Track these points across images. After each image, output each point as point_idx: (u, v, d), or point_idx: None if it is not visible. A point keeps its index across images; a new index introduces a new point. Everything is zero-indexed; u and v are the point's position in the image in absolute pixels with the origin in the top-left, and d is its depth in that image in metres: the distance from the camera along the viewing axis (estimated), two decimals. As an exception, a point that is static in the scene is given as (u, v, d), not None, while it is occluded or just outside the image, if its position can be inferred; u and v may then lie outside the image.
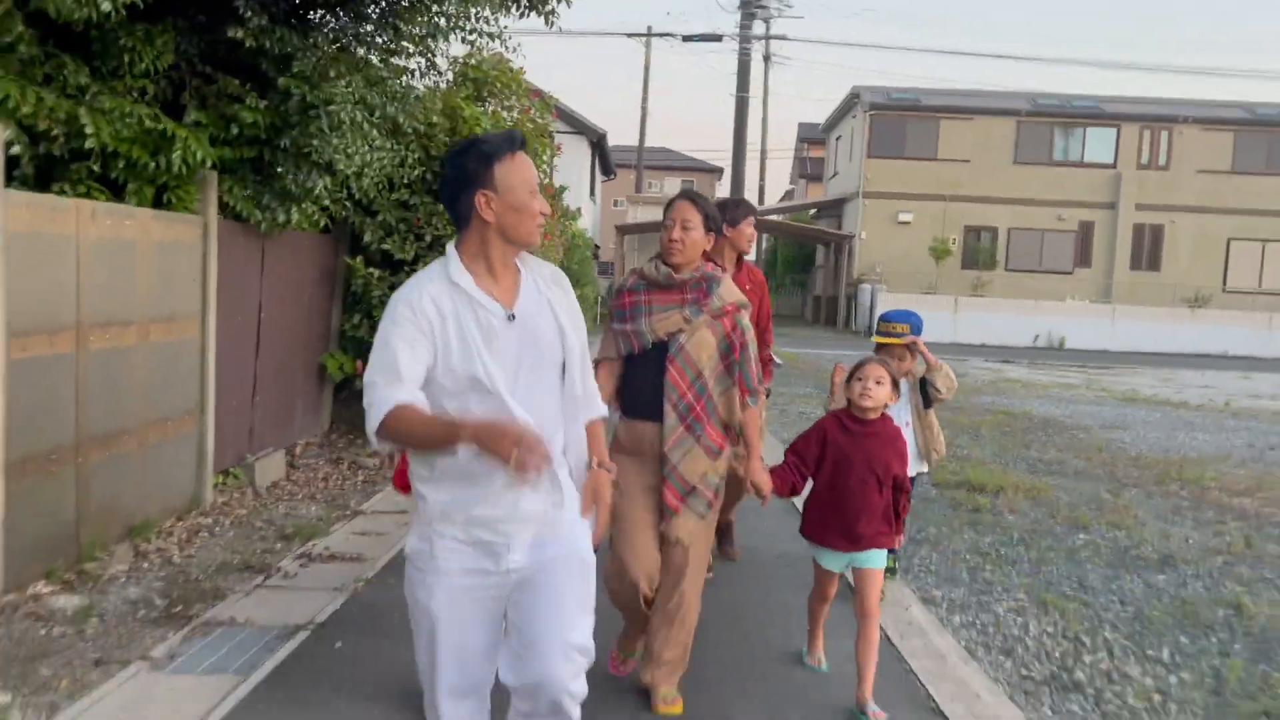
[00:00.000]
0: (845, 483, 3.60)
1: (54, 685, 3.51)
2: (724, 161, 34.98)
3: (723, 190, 42.08)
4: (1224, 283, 30.60)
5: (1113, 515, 6.71)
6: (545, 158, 8.67)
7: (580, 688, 2.39)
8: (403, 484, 3.09)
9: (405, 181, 7.18)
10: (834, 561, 3.71)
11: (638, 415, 3.47)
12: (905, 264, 30.56)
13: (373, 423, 2.20)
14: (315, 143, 5.55)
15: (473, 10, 6.16)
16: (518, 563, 2.36)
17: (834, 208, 35.12)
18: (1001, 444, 9.56)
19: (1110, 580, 5.33)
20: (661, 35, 31.68)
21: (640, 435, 3.45)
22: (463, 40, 6.55)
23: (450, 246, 2.39)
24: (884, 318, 4.78)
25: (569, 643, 2.35)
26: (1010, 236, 30.89)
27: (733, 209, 4.77)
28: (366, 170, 6.21)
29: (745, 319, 3.54)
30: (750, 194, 35.90)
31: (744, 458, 3.61)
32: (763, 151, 39.70)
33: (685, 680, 3.58)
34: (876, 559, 3.64)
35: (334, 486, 6.69)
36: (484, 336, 2.29)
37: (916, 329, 4.67)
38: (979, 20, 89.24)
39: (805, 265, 38.83)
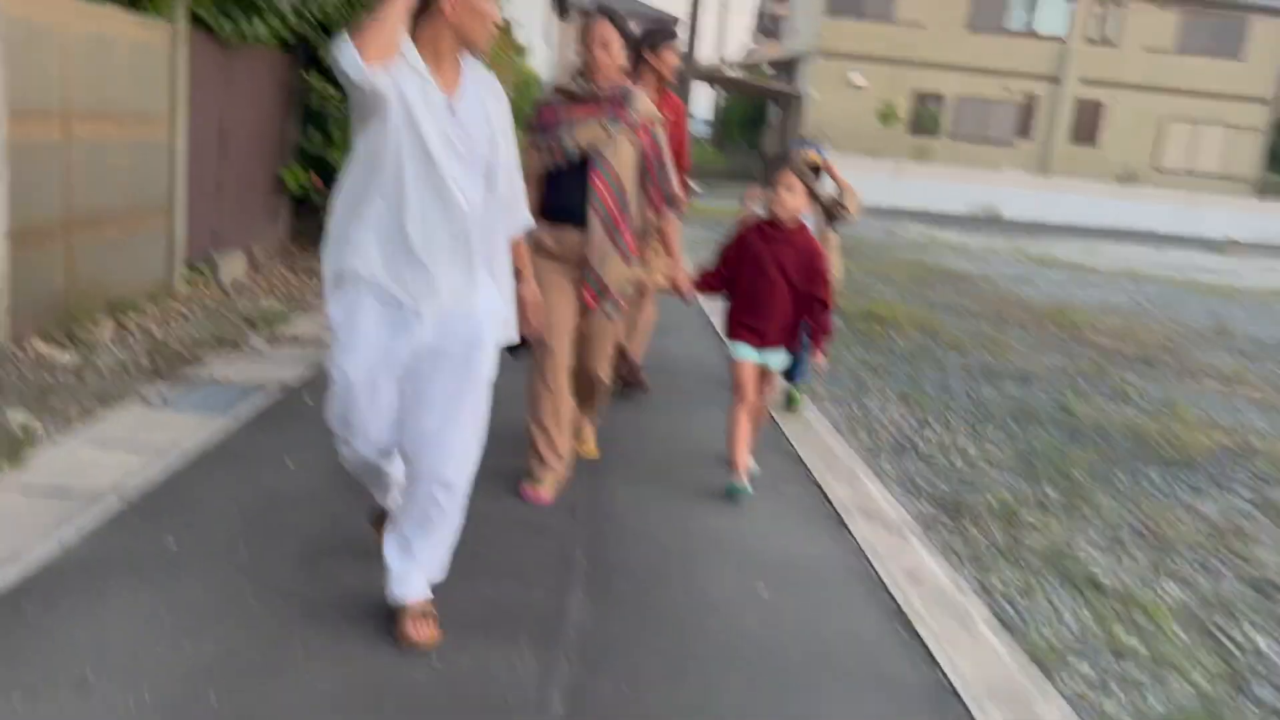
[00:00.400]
0: (757, 283, 3.93)
1: (65, 413, 4.19)
2: (684, 11, 34.55)
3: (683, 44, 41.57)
4: (1157, 161, 31.56)
5: (990, 344, 7.62)
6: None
7: (460, 486, 2.61)
8: None
9: (365, 2, 7.52)
10: (747, 353, 4.00)
11: (561, 222, 3.67)
12: (854, 126, 30.91)
13: (346, 56, 2.25)
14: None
15: None
16: (425, 337, 2.53)
17: (790, 67, 35.09)
18: (910, 288, 10.42)
19: (969, 387, 6.24)
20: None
21: (564, 240, 3.66)
22: None
23: (404, 32, 2.43)
24: (791, 144, 5.40)
25: (456, 449, 2.57)
26: (957, 104, 31.34)
27: (655, 36, 4.95)
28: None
29: (660, 133, 3.76)
30: (709, 48, 35.72)
31: (666, 261, 3.97)
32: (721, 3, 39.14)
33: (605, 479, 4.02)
34: (777, 358, 4.02)
35: (293, 287, 7.31)
36: (425, 105, 2.44)
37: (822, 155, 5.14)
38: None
39: (758, 123, 38.96)
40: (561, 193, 3.66)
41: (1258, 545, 4.00)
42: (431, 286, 2.50)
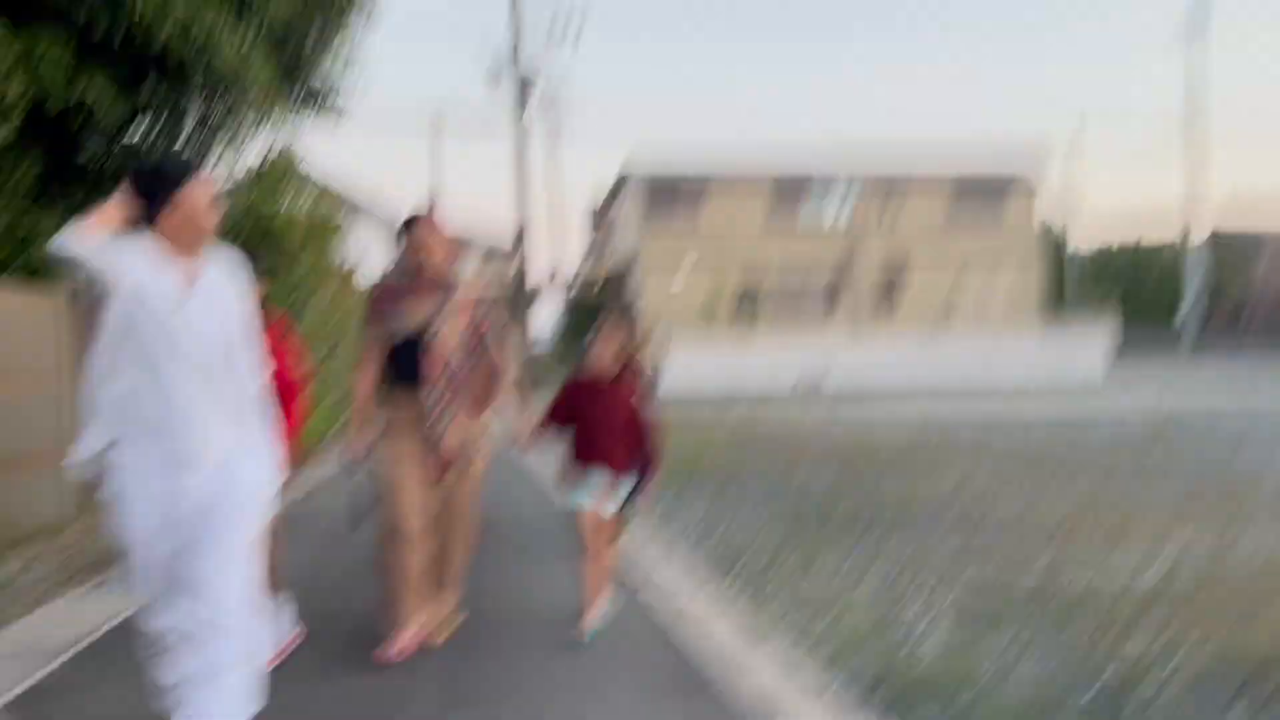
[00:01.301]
0: (588, 430, 4.24)
1: None
2: (512, 237, 37.16)
3: (524, 263, 44.36)
4: (949, 321, 35.28)
5: (791, 472, 9.11)
6: (331, 243, 10.49)
7: (223, 617, 2.76)
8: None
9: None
10: (584, 495, 4.23)
11: (406, 388, 4.07)
12: (682, 324, 33.55)
13: (65, 240, 2.60)
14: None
15: (270, 122, 7.95)
16: (191, 499, 2.78)
17: (620, 280, 38.00)
18: (737, 447, 11.96)
19: (765, 497, 7.63)
20: (449, 131, 33.90)
21: (409, 405, 4.05)
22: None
23: (145, 234, 2.79)
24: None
25: (215, 604, 2.75)
26: (771, 293, 34.57)
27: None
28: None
29: (487, 311, 4.21)
30: (547, 267, 38.66)
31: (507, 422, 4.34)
32: (551, 236, 42.21)
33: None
34: (612, 500, 4.27)
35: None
36: (159, 299, 2.73)
37: None
38: (748, 101, 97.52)
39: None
40: (402, 370, 4.07)
41: (939, 554, 5.38)
42: (189, 449, 2.75)
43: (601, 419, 4.24)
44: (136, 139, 7.39)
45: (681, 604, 4.65)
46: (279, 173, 9.73)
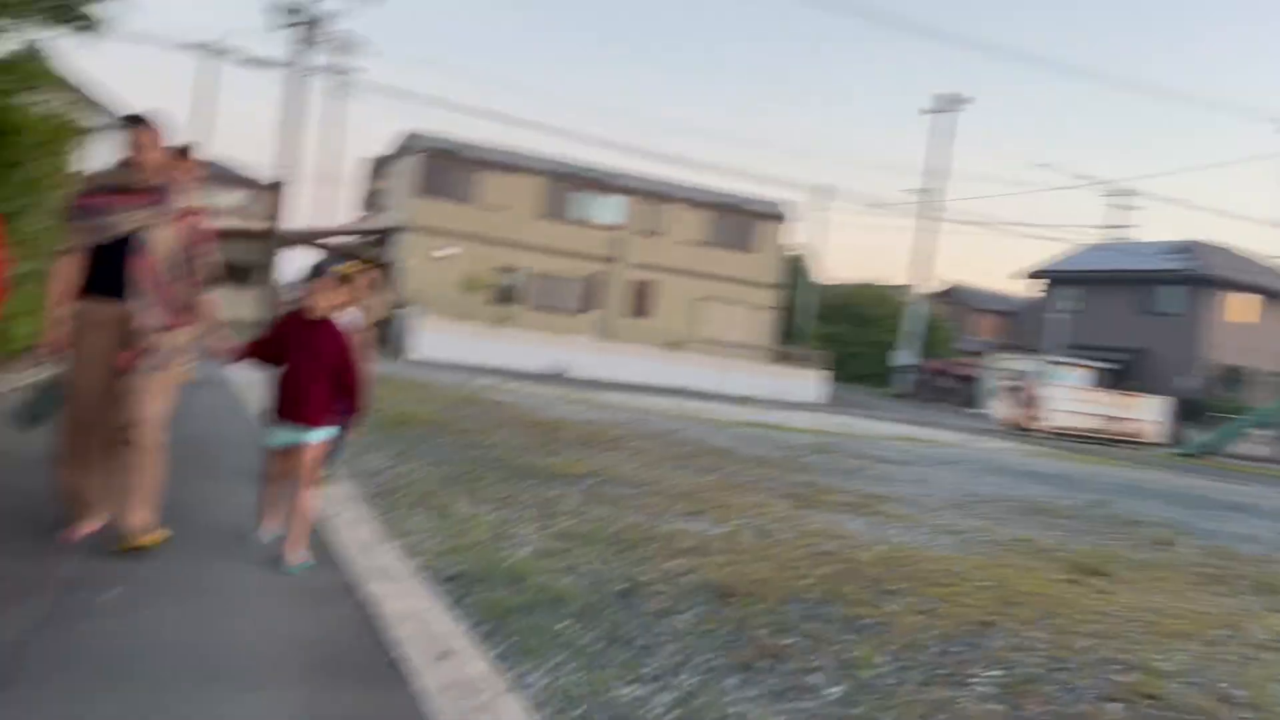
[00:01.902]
0: (294, 368, 4.38)
1: None
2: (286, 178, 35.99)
3: (282, 205, 43.04)
4: (696, 332, 37.68)
5: (479, 433, 10.09)
6: (72, 147, 10.48)
7: None
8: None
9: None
10: (281, 437, 4.43)
11: (104, 294, 4.14)
12: (443, 295, 33.93)
13: None
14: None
15: (21, 21, 8.10)
16: None
17: (386, 236, 37.80)
18: (445, 407, 12.82)
19: (450, 451, 8.57)
20: (225, 53, 32.65)
21: (106, 311, 4.13)
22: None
23: None
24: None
25: None
26: (533, 279, 35.61)
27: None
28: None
29: (200, 222, 4.32)
30: (314, 215, 37.67)
31: (205, 333, 4.43)
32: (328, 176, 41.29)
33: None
34: (315, 434, 4.42)
35: None
36: None
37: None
38: (535, 87, 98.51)
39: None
40: (104, 269, 4.13)
41: (567, 503, 6.53)
42: None
43: (308, 361, 4.36)
44: None
45: (332, 516, 5.49)
46: (18, 69, 9.67)
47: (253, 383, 5.40)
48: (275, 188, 30.85)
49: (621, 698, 3.22)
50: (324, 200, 71.54)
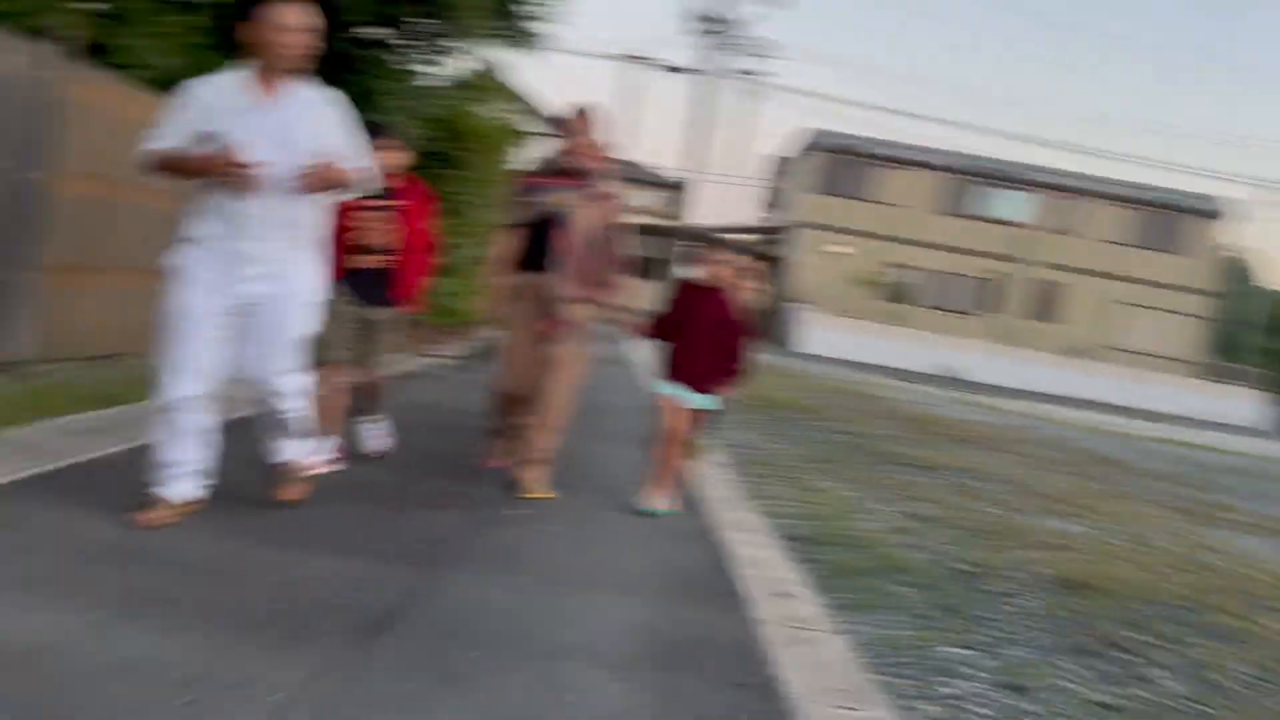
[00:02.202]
0: (692, 334, 4.65)
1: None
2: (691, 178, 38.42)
3: (687, 204, 45.85)
4: (1107, 340, 34.66)
5: (851, 422, 10.28)
6: (510, 147, 12.13)
7: (288, 383, 3.53)
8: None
9: (421, 152, 10.57)
10: (674, 390, 4.69)
11: (536, 267, 4.61)
12: (834, 291, 34.24)
13: (137, 159, 3.28)
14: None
15: (479, 42, 9.57)
16: (249, 291, 3.31)
17: (782, 233, 38.84)
18: (821, 396, 13.14)
19: (813, 434, 8.89)
20: (638, 59, 35.42)
21: (537, 282, 4.59)
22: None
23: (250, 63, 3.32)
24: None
25: (276, 365, 3.46)
26: (928, 277, 34.76)
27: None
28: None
29: (620, 205, 4.72)
30: (713, 214, 39.78)
31: (616, 307, 4.79)
32: (724, 174, 43.33)
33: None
34: (707, 401, 4.75)
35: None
36: (236, 118, 3.21)
37: None
38: (937, 80, 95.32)
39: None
40: (537, 243, 4.61)
41: (927, 491, 6.56)
42: (247, 253, 3.29)
43: (699, 328, 4.62)
44: (374, 36, 9.10)
45: (700, 478, 6.03)
46: (476, 84, 11.37)
47: (651, 364, 5.87)
48: (681, 187, 32.94)
49: (947, 655, 3.36)
50: (728, 199, 74.54)
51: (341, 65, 8.53)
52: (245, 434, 3.90)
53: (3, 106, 5.13)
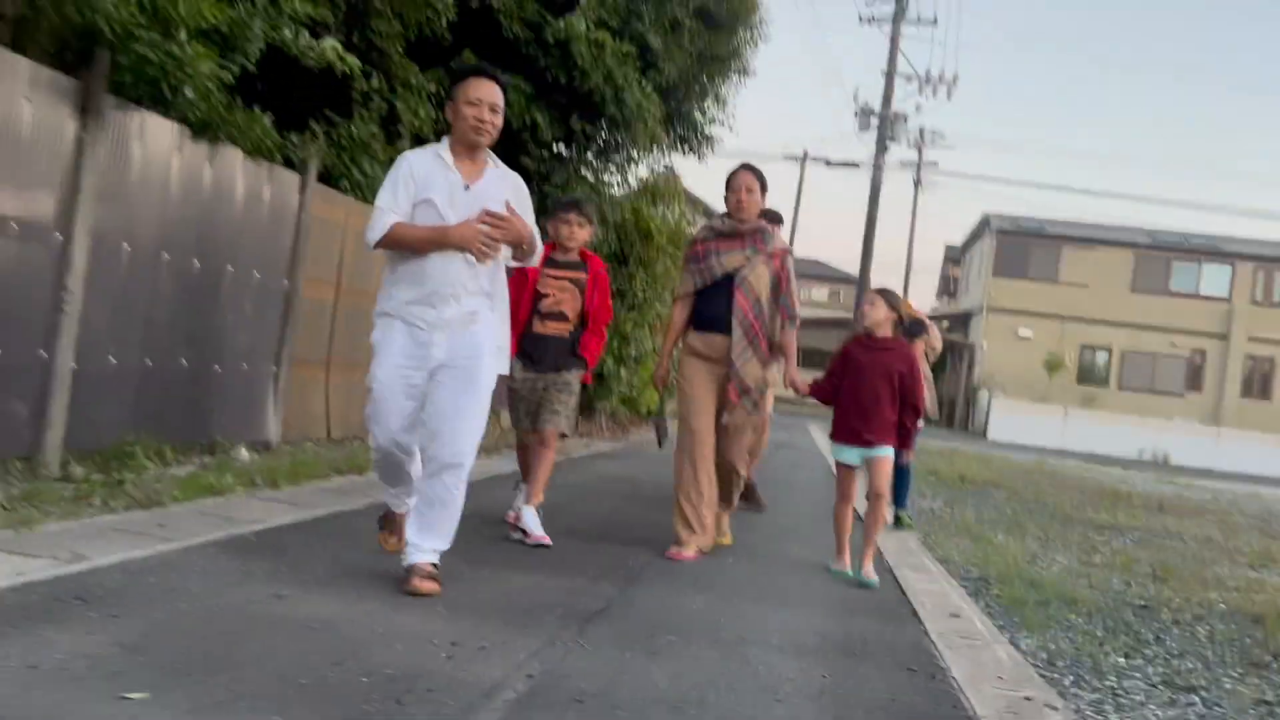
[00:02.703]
0: (860, 388, 4.56)
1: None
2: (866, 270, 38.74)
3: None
4: (1331, 418, 31.94)
5: (1034, 494, 10.22)
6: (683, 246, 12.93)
7: (460, 458, 3.37)
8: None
9: (604, 254, 11.50)
10: (850, 455, 4.64)
11: (710, 329, 4.62)
12: (1022, 375, 33.24)
13: (373, 234, 3.38)
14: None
15: (653, 151, 10.49)
16: (437, 357, 3.38)
17: (963, 320, 38.20)
18: (1011, 476, 13.00)
19: (1005, 504, 8.94)
20: (812, 158, 36.32)
21: (711, 344, 4.61)
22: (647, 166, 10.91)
23: (446, 138, 3.54)
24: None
25: (460, 436, 3.37)
26: (1123, 357, 33.29)
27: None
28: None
29: (790, 261, 4.76)
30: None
31: (784, 366, 4.83)
32: (908, 264, 43.33)
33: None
34: (885, 450, 4.60)
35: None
36: (447, 191, 3.41)
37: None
38: (1110, 154, 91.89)
39: (938, 371, 41.72)
40: (710, 306, 4.62)
41: (1110, 545, 6.57)
42: (441, 317, 3.38)
43: (873, 380, 4.55)
44: (561, 150, 10.15)
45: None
46: (655, 187, 12.30)
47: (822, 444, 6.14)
48: (857, 280, 33.21)
49: (1112, 663, 3.57)
50: (905, 288, 73.86)
51: (532, 177, 9.55)
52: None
53: (260, 225, 6.21)
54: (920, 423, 4.80)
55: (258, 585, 3.21)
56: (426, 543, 3.40)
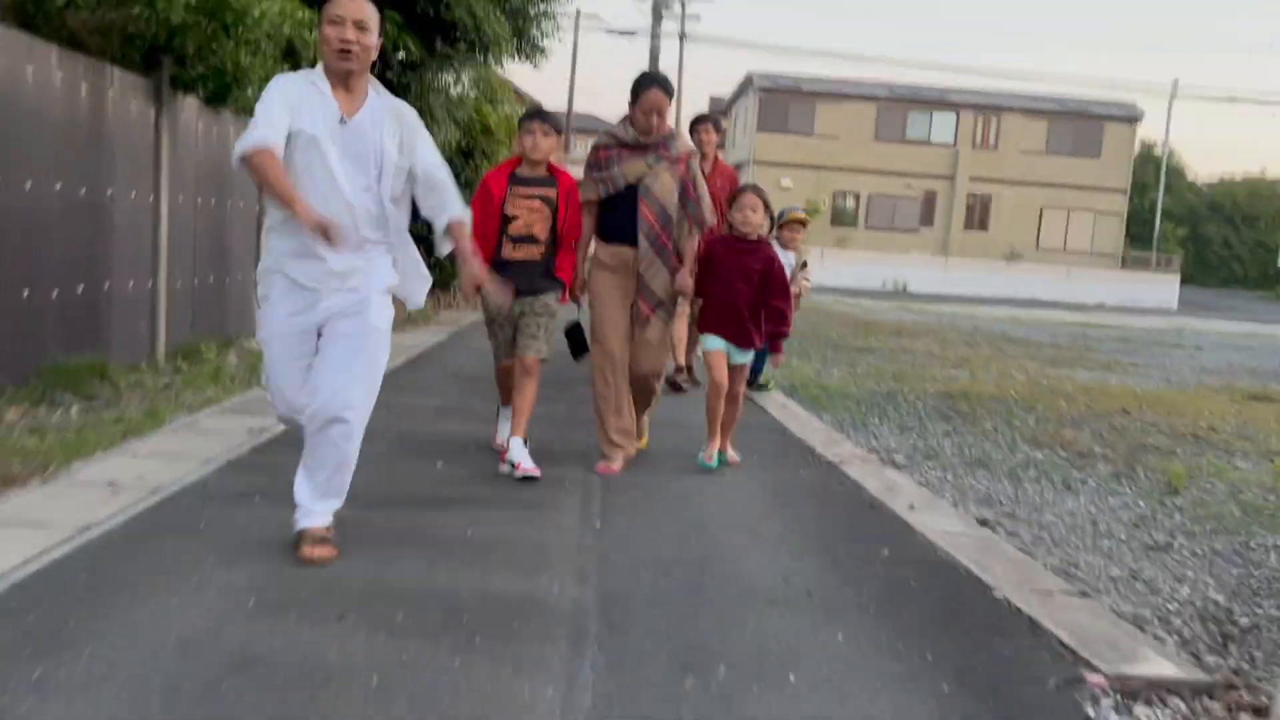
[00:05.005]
0: (722, 289, 4.55)
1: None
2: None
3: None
4: (1037, 242, 38.06)
5: (812, 327, 13.34)
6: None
7: (350, 424, 3.08)
8: None
9: (453, 150, 13.29)
10: (717, 343, 4.64)
11: (616, 241, 4.46)
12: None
13: (241, 145, 2.94)
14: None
15: (492, 62, 12.29)
16: (325, 310, 3.10)
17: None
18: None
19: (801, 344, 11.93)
20: (589, 16, 37.78)
21: (618, 255, 4.46)
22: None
23: (320, 64, 3.18)
24: (788, 208, 7.10)
25: (347, 390, 3.07)
26: (869, 201, 37.88)
27: (700, 118, 6.78)
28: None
29: (696, 165, 4.54)
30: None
31: (677, 269, 4.51)
32: (678, 120, 46.01)
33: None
34: (744, 355, 4.70)
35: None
36: (325, 123, 3.05)
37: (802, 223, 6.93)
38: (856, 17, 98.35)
39: (708, 222, 45.25)
40: (615, 217, 4.44)
41: (865, 362, 9.57)
42: (322, 270, 3.06)
43: (741, 282, 4.55)
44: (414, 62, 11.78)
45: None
46: (491, 88, 14.10)
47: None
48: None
49: (871, 425, 6.37)
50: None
51: (394, 89, 11.24)
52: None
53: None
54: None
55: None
56: (318, 505, 3.17)
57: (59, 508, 3.46)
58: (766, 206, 4.58)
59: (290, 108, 3.02)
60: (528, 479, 4.23)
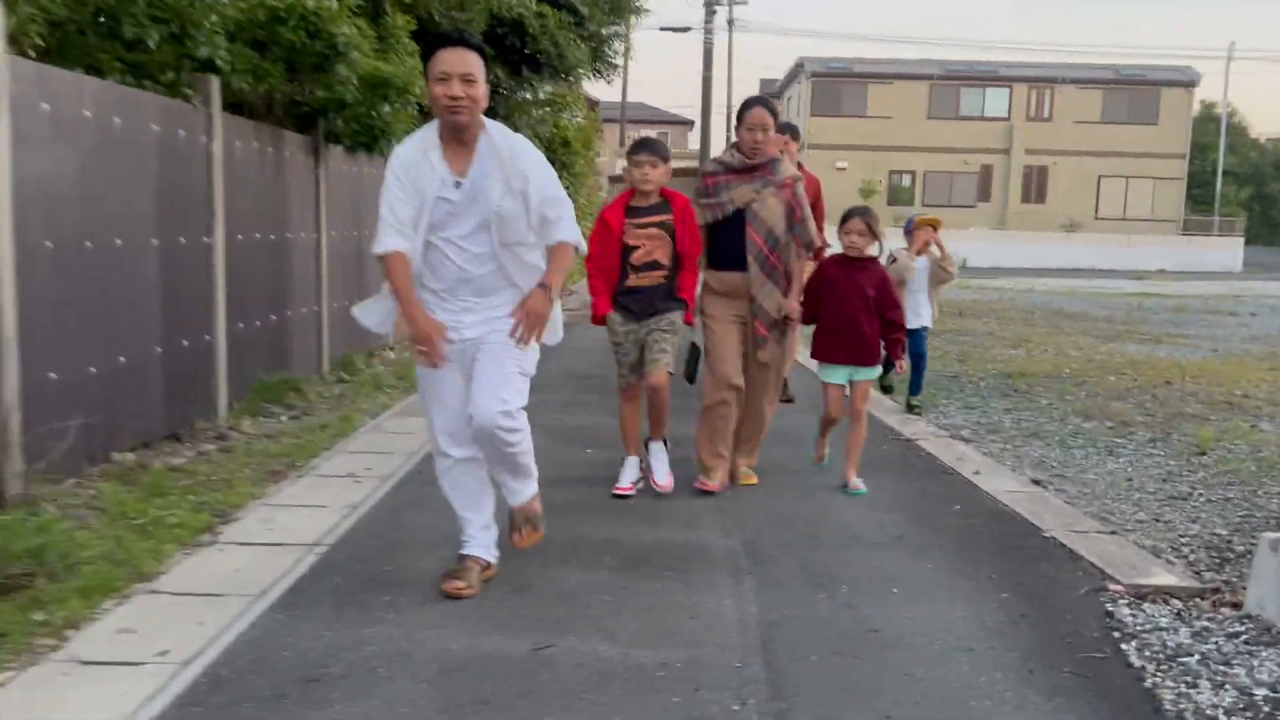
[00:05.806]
0: (839, 309, 4.70)
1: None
2: (696, 114, 41.82)
3: (693, 141, 49.33)
4: (1095, 212, 38.18)
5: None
6: (595, 144, 15.94)
7: (509, 422, 3.22)
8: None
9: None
10: (836, 375, 4.82)
11: (726, 268, 4.62)
12: (840, 201, 37.63)
13: (379, 249, 3.17)
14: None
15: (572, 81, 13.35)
16: (468, 335, 3.26)
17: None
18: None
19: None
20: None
21: (728, 282, 4.63)
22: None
23: (435, 124, 3.21)
24: (911, 218, 6.98)
25: (497, 395, 3.20)
26: (925, 178, 38.32)
27: (786, 129, 6.37)
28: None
29: (801, 189, 4.66)
30: (718, 145, 43.14)
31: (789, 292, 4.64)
32: (728, 108, 46.67)
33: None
34: (867, 373, 4.83)
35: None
36: (441, 192, 3.14)
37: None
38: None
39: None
40: (725, 244, 4.60)
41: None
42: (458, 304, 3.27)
43: (846, 301, 4.68)
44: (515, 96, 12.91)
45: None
46: (563, 99, 15.19)
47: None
48: (688, 124, 36.10)
49: (940, 404, 7.28)
50: (727, 126, 77.22)
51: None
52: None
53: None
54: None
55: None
56: (525, 487, 3.48)
57: (324, 495, 4.58)
58: (871, 229, 4.71)
59: (409, 194, 3.14)
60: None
